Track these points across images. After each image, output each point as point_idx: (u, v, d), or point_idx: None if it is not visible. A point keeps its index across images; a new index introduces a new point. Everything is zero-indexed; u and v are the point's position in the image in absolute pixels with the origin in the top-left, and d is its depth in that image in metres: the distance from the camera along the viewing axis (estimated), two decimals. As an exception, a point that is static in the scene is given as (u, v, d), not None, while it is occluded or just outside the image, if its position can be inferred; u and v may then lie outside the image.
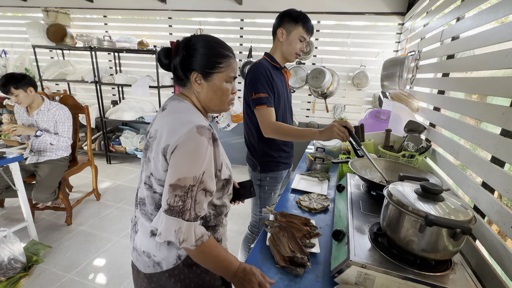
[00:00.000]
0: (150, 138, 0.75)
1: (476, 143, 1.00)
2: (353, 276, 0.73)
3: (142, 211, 0.78)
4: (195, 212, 0.68)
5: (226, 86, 0.78)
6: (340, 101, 3.36)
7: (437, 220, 0.62)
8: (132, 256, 0.83)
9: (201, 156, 0.66)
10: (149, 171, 0.74)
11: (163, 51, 0.78)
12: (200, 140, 0.66)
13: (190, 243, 0.67)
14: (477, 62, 1.10)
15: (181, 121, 0.69)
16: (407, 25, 2.70)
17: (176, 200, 0.65)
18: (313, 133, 1.21)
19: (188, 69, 0.75)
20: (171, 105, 0.77)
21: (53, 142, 2.14)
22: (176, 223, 0.66)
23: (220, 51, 0.76)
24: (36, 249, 1.88)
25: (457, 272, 0.71)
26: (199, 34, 0.78)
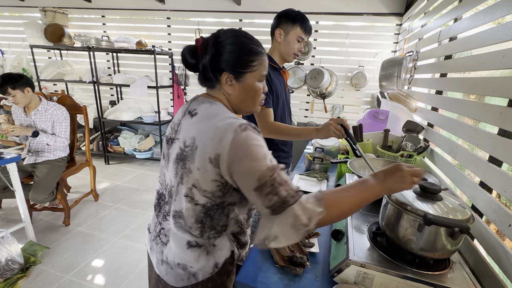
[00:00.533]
0: (186, 147, 0.67)
1: (474, 143, 1.01)
2: (352, 275, 0.73)
3: (178, 224, 0.72)
4: (292, 190, 0.61)
5: (258, 86, 0.74)
6: (339, 101, 3.37)
7: (435, 219, 0.62)
8: (157, 269, 0.77)
9: (259, 148, 0.62)
10: (190, 183, 0.67)
11: (189, 50, 0.71)
12: (248, 135, 0.62)
13: (316, 213, 0.60)
14: (475, 62, 1.11)
15: (223, 127, 0.63)
16: (405, 26, 2.71)
17: (269, 198, 0.60)
18: (310, 131, 1.23)
19: (218, 69, 0.69)
20: (203, 109, 0.70)
21: (49, 142, 2.12)
22: (287, 217, 0.60)
23: (252, 48, 0.70)
24: (34, 250, 1.87)
25: (455, 271, 0.71)
26: (228, 29, 0.71)
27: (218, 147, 0.62)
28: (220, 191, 0.67)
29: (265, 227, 0.63)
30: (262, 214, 0.63)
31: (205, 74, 0.71)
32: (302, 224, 0.59)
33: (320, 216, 0.60)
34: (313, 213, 0.60)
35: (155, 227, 0.81)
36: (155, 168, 3.70)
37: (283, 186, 0.60)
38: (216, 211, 0.69)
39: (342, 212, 0.64)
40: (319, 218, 0.60)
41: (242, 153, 0.61)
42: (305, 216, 0.60)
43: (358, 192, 0.65)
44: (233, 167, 0.61)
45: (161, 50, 3.33)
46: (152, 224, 0.83)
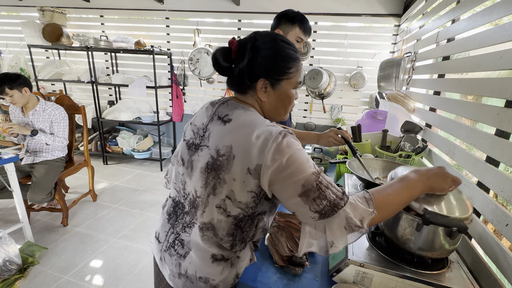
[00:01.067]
0: (220, 156, 0.63)
1: (471, 143, 1.02)
2: (351, 275, 0.73)
3: (206, 236, 0.68)
4: (339, 192, 0.60)
5: (292, 93, 0.71)
6: (337, 102, 3.38)
7: (433, 218, 0.63)
8: (172, 282, 0.72)
9: (301, 154, 0.60)
10: (224, 194, 0.64)
11: (222, 52, 0.66)
12: (288, 142, 0.60)
13: (368, 214, 0.59)
14: (472, 63, 1.12)
15: (262, 135, 0.60)
16: (403, 27, 2.73)
17: (318, 202, 0.58)
18: (312, 137, 1.26)
19: (254, 75, 0.65)
20: (237, 115, 0.66)
21: (48, 142, 2.12)
22: (339, 220, 0.58)
23: (290, 54, 0.67)
24: (31, 250, 1.86)
25: (453, 270, 0.72)
26: (265, 32, 0.68)
27: (259, 157, 0.59)
28: (253, 202, 0.65)
29: (314, 234, 0.61)
30: (307, 220, 0.61)
31: (241, 79, 0.67)
32: (356, 226, 0.58)
33: (372, 216, 0.59)
34: (365, 214, 0.59)
35: (167, 236, 0.75)
36: (153, 169, 3.69)
37: (329, 189, 0.59)
38: (247, 222, 0.68)
39: (391, 211, 0.63)
40: (371, 218, 0.59)
41: (285, 161, 0.58)
42: (358, 218, 0.58)
43: (403, 189, 0.64)
44: (276, 176, 0.59)
45: (160, 50, 3.33)
46: (162, 233, 0.77)
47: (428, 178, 0.66)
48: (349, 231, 0.58)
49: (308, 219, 0.60)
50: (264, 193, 0.64)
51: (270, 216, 0.74)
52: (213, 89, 3.72)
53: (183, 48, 3.56)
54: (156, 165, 3.80)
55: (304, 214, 0.60)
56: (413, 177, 0.66)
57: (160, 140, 3.58)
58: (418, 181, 0.65)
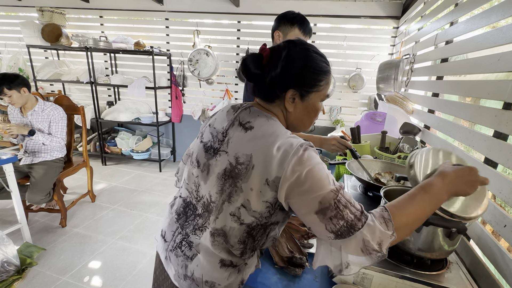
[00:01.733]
0: (238, 164, 0.62)
1: (469, 145, 1.02)
2: (351, 275, 0.74)
3: (216, 242, 0.67)
4: (358, 211, 0.57)
5: (319, 105, 0.69)
6: (336, 103, 3.39)
7: (433, 220, 0.63)
8: (177, 283, 0.72)
9: (321, 169, 0.58)
10: (240, 203, 0.63)
11: (254, 59, 0.65)
12: (309, 155, 0.59)
13: (387, 237, 0.55)
14: (471, 65, 1.13)
15: (283, 147, 0.59)
16: (402, 29, 2.75)
17: (335, 222, 0.56)
18: (314, 140, 1.29)
19: (285, 85, 0.64)
20: (259, 123, 0.64)
21: (46, 142, 2.11)
22: (355, 241, 0.55)
23: (322, 67, 0.65)
24: (30, 251, 1.85)
25: (452, 271, 0.73)
26: (298, 41, 0.67)
27: (278, 169, 0.58)
28: (268, 212, 0.64)
29: (329, 253, 0.59)
30: (323, 238, 0.59)
31: (271, 88, 0.66)
32: (373, 250, 0.55)
33: (392, 240, 0.56)
34: (383, 237, 0.55)
35: (174, 236, 0.75)
36: (152, 169, 3.68)
37: (348, 208, 0.56)
38: (259, 231, 0.67)
39: (411, 230, 0.60)
40: (390, 241, 0.56)
41: (304, 175, 0.57)
42: (376, 241, 0.55)
43: (426, 203, 0.59)
44: (293, 190, 0.58)
45: (159, 51, 3.33)
46: (169, 232, 0.77)
47: (454, 185, 0.61)
48: (366, 254, 0.55)
49: (324, 237, 0.58)
50: (280, 204, 0.63)
51: (282, 226, 0.73)
52: (213, 90, 3.72)
53: (182, 49, 3.56)
54: (155, 166, 3.80)
55: (319, 232, 0.58)
56: (438, 185, 0.60)
57: (159, 141, 3.57)
58: (443, 189, 0.60)
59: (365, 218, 0.56)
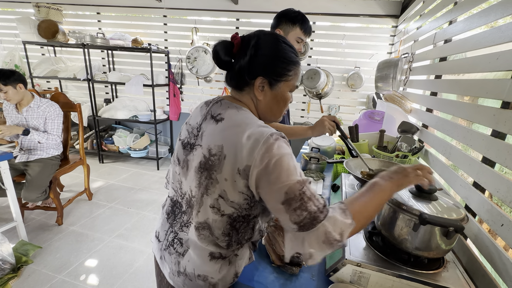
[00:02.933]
0: (211, 155, 0.63)
1: (467, 144, 1.02)
2: (348, 274, 0.73)
3: (202, 235, 0.68)
4: (321, 204, 0.59)
5: (289, 96, 0.71)
6: (335, 102, 3.39)
7: (430, 219, 0.63)
8: (172, 280, 0.73)
9: (290, 159, 0.60)
10: (217, 194, 0.64)
11: (224, 46, 0.67)
12: (280, 146, 0.60)
13: (347, 226, 0.58)
14: (469, 64, 1.13)
15: (253, 135, 0.60)
16: (401, 28, 2.74)
17: (298, 213, 0.57)
18: (304, 130, 1.26)
19: (253, 73, 0.66)
20: (229, 115, 0.66)
21: (41, 140, 2.09)
22: (318, 233, 0.57)
23: (291, 57, 0.67)
24: (25, 249, 1.83)
25: (449, 270, 0.72)
26: (269, 32, 0.69)
27: (248, 158, 0.59)
28: (247, 204, 0.65)
29: (295, 243, 0.60)
30: (288, 229, 0.60)
31: (240, 75, 0.68)
32: (335, 240, 0.57)
33: (351, 228, 0.59)
34: (344, 227, 0.58)
35: (167, 235, 0.76)
36: (150, 167, 3.67)
37: (312, 201, 0.58)
38: (242, 224, 0.68)
39: (367, 218, 0.63)
40: (350, 230, 0.59)
41: (272, 165, 0.58)
42: (337, 231, 0.57)
43: (375, 194, 0.64)
44: (262, 178, 0.59)
45: (157, 48, 3.30)
46: (162, 232, 0.78)
47: (391, 178, 0.66)
48: (327, 245, 0.57)
49: (288, 228, 0.60)
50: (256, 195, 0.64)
51: (264, 217, 0.73)
52: (211, 87, 3.71)
53: (180, 47, 3.54)
54: (153, 164, 3.78)
55: (284, 223, 0.60)
56: (381, 182, 0.66)
57: (156, 138, 3.56)
58: (385, 184, 0.65)
59: (327, 211, 0.59)
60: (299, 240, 0.59)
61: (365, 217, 0.62)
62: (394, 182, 0.66)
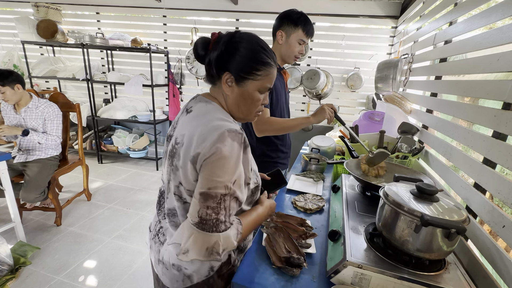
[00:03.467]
0: (176, 144, 0.68)
1: (468, 145, 1.02)
2: (349, 276, 0.73)
3: (172, 222, 0.72)
4: (229, 221, 0.64)
5: (258, 96, 0.72)
6: (334, 102, 3.38)
7: (432, 220, 0.63)
8: (156, 269, 0.77)
9: (233, 163, 0.61)
10: (177, 181, 0.68)
11: (202, 42, 0.71)
12: (232, 146, 0.61)
13: (231, 247, 0.65)
14: (470, 65, 1.13)
15: (210, 126, 0.63)
16: (400, 29, 2.75)
17: (208, 212, 0.60)
18: (305, 118, 1.28)
19: (222, 67, 0.69)
20: (198, 107, 0.71)
21: (41, 141, 2.08)
22: (209, 239, 0.60)
23: (261, 57, 0.69)
24: (23, 250, 1.82)
25: (450, 272, 0.72)
26: (245, 32, 0.71)
27: (200, 146, 0.61)
28: None
29: (183, 233, 0.63)
30: (188, 218, 0.63)
31: (209, 68, 0.72)
32: (217, 253, 0.61)
33: (232, 249, 0.66)
34: (230, 246, 0.64)
35: (155, 225, 0.80)
36: (149, 168, 3.66)
37: (225, 211, 0.62)
38: None
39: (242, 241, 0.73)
40: (229, 250, 0.66)
41: (215, 157, 0.60)
42: (223, 247, 0.62)
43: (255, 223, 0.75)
44: (202, 165, 0.61)
45: (156, 48, 3.30)
46: (153, 222, 0.83)
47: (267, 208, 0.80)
48: (206, 253, 0.61)
49: (191, 217, 0.62)
50: None
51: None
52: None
53: (180, 47, 3.53)
54: (152, 164, 3.77)
55: (192, 211, 0.62)
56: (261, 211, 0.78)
57: (156, 139, 3.55)
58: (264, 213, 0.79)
59: (228, 228, 0.63)
60: (188, 233, 0.61)
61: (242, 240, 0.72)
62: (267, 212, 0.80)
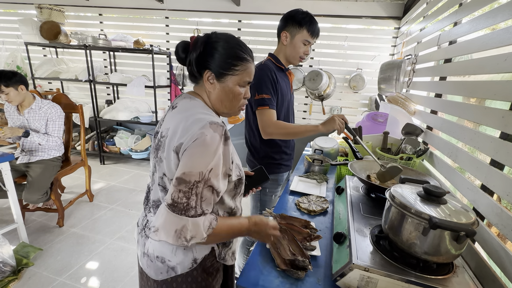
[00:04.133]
0: (162, 137, 0.72)
1: (475, 146, 1.01)
2: (356, 279, 0.72)
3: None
4: (201, 209, 0.66)
5: (238, 90, 0.77)
6: (337, 104, 3.38)
7: (441, 223, 0.62)
8: (141, 262, 0.79)
9: (211, 152, 0.64)
10: (161, 172, 0.72)
11: (182, 45, 0.76)
12: (212, 136, 0.65)
13: (200, 237, 0.66)
14: (475, 66, 1.12)
15: (194, 118, 0.68)
16: (403, 29, 2.74)
17: (180, 196, 0.63)
18: (314, 126, 1.25)
19: (202, 66, 0.74)
20: (182, 103, 0.76)
21: (41, 142, 2.08)
22: (178, 221, 0.63)
23: (238, 53, 0.74)
24: (26, 251, 1.82)
25: (459, 275, 0.71)
26: (221, 32, 0.76)
27: (183, 136, 0.65)
28: None
29: (158, 214, 0.67)
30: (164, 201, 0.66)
31: (191, 68, 0.76)
32: (184, 237, 0.64)
33: (200, 240, 0.66)
34: (198, 235, 0.65)
35: (143, 220, 0.83)
36: (151, 169, 3.65)
37: (197, 199, 0.64)
38: None
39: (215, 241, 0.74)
40: (198, 241, 0.66)
41: (195, 144, 0.64)
42: (191, 234, 0.64)
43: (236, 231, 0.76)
44: (183, 154, 0.65)
45: (159, 49, 3.30)
46: (141, 217, 0.86)
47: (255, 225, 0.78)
48: (176, 236, 0.63)
49: (166, 199, 0.65)
50: None
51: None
52: (212, 89, 3.70)
53: (182, 48, 3.53)
54: (154, 165, 3.76)
55: (168, 194, 0.66)
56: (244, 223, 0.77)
57: (158, 140, 3.54)
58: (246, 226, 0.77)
59: (198, 215, 0.66)
60: (161, 213, 0.65)
61: (216, 240, 0.73)
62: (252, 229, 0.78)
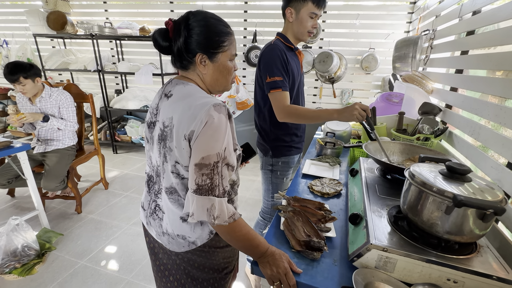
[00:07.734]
0: (165, 127, 0.72)
1: (500, 123, 0.95)
2: (373, 259, 0.70)
3: (172, 199, 0.78)
4: (223, 187, 0.69)
5: (230, 65, 0.78)
6: (348, 86, 3.27)
7: (467, 200, 0.58)
8: (160, 240, 0.84)
9: (222, 133, 0.67)
10: (173, 160, 0.73)
11: (160, 33, 0.74)
12: (219, 118, 0.67)
13: (223, 219, 0.69)
14: (503, 36, 1.03)
15: (197, 104, 0.68)
16: (420, 4, 2.57)
17: (203, 178, 0.66)
18: (330, 113, 1.16)
19: (191, 51, 0.73)
20: (177, 90, 0.75)
21: (60, 126, 2.13)
22: (207, 201, 0.67)
23: (222, 29, 0.74)
24: (48, 236, 1.91)
25: (483, 255, 0.68)
26: (196, 11, 0.73)
27: (192, 124, 0.66)
28: None
29: (187, 203, 0.70)
30: (189, 188, 0.69)
31: (180, 56, 0.74)
32: (212, 215, 0.67)
33: (223, 224, 0.68)
34: (221, 216, 0.68)
35: (149, 204, 0.86)
36: (162, 157, 3.70)
37: (219, 177, 0.68)
38: None
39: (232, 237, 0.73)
40: (221, 224, 0.68)
41: (206, 129, 0.65)
42: (218, 212, 0.67)
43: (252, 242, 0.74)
44: (196, 140, 0.66)
45: (165, 36, 3.25)
46: (146, 202, 0.88)
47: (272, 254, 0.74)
48: (208, 214, 0.67)
49: (190, 186, 0.68)
50: None
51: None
52: (220, 75, 3.65)
53: (188, 34, 3.47)
54: (165, 153, 3.81)
55: (190, 181, 0.68)
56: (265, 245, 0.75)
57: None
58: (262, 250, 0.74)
59: (223, 195, 0.69)
60: (191, 200, 0.68)
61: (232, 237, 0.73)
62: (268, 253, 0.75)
